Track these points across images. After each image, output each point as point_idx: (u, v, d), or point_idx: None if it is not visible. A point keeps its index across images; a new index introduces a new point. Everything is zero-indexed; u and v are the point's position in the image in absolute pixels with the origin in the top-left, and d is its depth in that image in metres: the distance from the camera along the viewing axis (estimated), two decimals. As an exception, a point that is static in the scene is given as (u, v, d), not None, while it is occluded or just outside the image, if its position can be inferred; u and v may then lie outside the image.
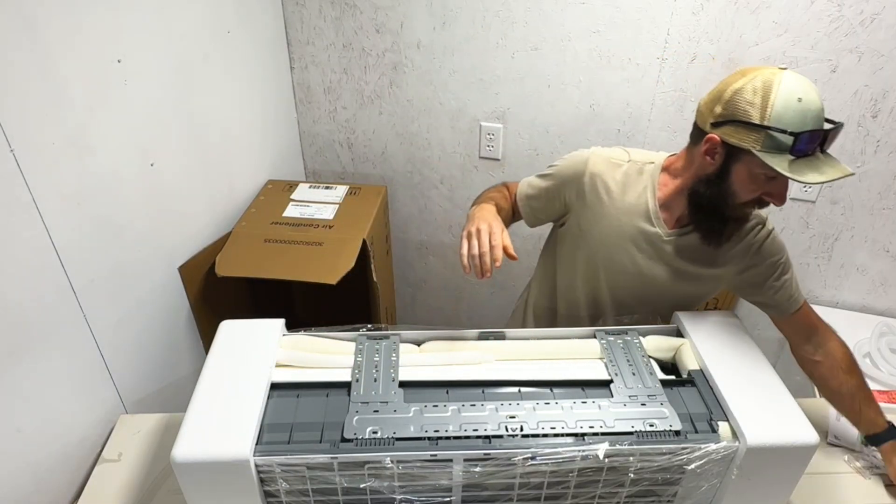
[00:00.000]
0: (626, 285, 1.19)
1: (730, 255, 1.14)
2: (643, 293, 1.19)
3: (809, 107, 0.95)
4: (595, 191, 1.16)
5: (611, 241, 1.16)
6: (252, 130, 1.73)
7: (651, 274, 1.16)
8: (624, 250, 1.16)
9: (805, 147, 0.95)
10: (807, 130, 0.94)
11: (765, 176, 1.00)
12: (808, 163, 0.97)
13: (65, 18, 1.04)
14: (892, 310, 1.83)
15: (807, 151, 0.96)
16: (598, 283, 1.21)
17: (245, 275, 1.51)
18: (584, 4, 1.64)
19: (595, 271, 1.20)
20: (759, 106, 0.95)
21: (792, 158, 0.96)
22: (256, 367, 0.95)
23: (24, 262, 1.00)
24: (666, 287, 1.17)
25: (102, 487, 1.12)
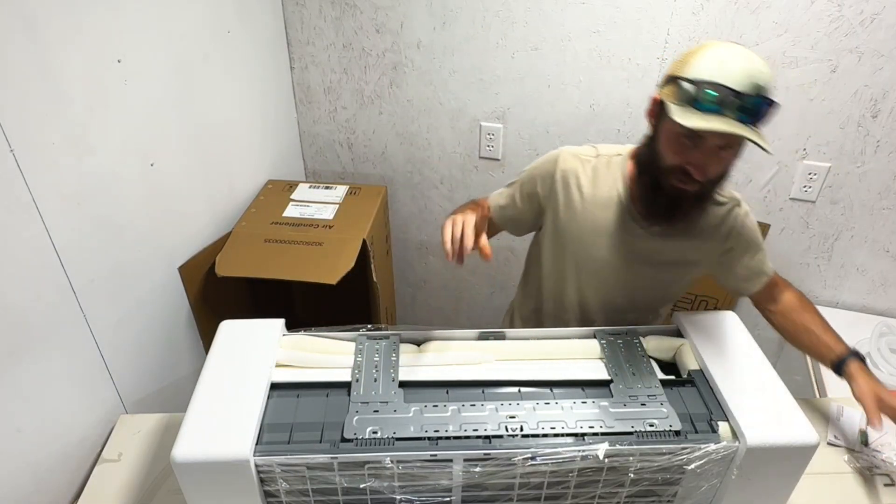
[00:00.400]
0: (610, 281, 1.19)
1: (708, 237, 1.15)
2: (627, 287, 1.20)
3: (727, 67, 0.93)
4: (567, 188, 1.17)
5: (588, 237, 1.17)
6: (252, 130, 1.73)
7: (632, 266, 1.17)
8: (602, 245, 1.17)
9: (707, 101, 0.93)
10: (707, 81, 0.93)
11: (684, 138, 0.98)
12: (709, 118, 0.93)
13: (65, 18, 1.04)
14: (892, 310, 1.83)
15: (711, 107, 0.93)
16: (581, 283, 1.22)
17: (245, 275, 1.51)
18: (584, 4, 1.64)
19: (577, 271, 1.21)
20: (687, 62, 0.97)
21: (693, 111, 0.95)
22: (256, 367, 0.95)
23: (24, 262, 1.00)
24: (649, 278, 1.18)
25: (102, 487, 1.12)
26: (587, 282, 1.21)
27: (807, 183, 1.71)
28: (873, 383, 1.08)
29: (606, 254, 1.17)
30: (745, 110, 0.93)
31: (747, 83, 0.93)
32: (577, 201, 1.16)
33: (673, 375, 1.02)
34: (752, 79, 0.93)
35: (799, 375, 1.73)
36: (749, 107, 0.93)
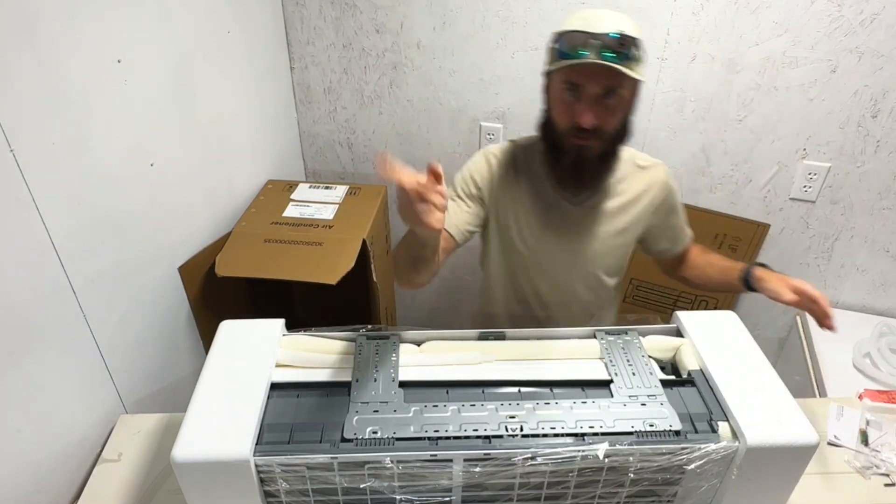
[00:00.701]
0: (557, 262, 1.25)
1: (638, 202, 1.24)
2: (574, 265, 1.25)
3: (587, 20, 1.03)
4: (499, 182, 1.23)
5: (526, 224, 1.22)
6: (252, 130, 1.73)
7: (573, 243, 1.23)
8: (540, 229, 1.22)
9: (570, 49, 1.03)
10: (566, 31, 1.04)
11: (566, 94, 1.07)
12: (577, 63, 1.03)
13: (65, 18, 1.04)
14: (892, 310, 1.83)
15: (575, 54, 1.02)
16: (530, 272, 1.27)
17: (245, 275, 1.51)
18: (583, 4, 1.64)
19: (523, 260, 1.26)
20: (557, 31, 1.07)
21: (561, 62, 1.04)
22: (256, 367, 0.95)
23: (23, 261, 1.00)
24: (591, 252, 1.24)
25: (102, 487, 1.12)
26: (536, 269, 1.26)
27: (807, 183, 1.71)
28: (780, 277, 1.13)
29: (546, 236, 1.22)
30: (606, 48, 1.01)
31: (606, 27, 1.02)
32: (510, 192, 1.22)
33: (673, 375, 1.02)
34: (611, 24, 1.02)
35: (799, 375, 1.73)
36: (609, 44, 1.01)
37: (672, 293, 1.98)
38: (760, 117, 1.67)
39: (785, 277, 1.13)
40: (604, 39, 1.01)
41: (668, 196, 1.27)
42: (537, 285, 1.29)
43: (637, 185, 1.24)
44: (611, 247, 1.26)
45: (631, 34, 1.03)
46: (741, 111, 1.67)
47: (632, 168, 1.25)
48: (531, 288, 1.29)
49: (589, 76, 1.04)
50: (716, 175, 1.79)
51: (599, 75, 1.03)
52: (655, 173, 1.26)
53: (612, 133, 1.10)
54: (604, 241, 1.25)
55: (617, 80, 1.04)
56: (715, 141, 1.74)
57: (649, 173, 1.25)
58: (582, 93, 1.06)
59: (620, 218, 1.24)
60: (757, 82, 1.62)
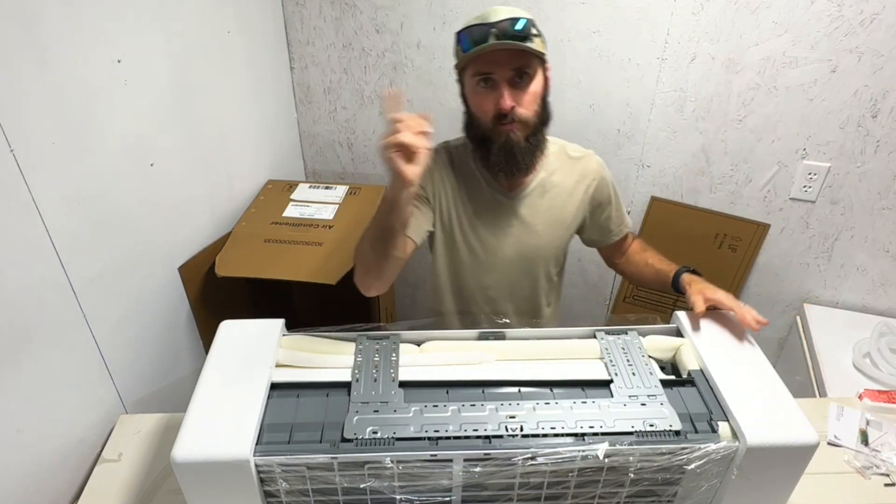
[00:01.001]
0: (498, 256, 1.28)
1: (573, 191, 1.27)
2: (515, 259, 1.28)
3: (484, 16, 1.09)
4: (439, 182, 1.26)
5: (466, 221, 1.26)
6: (252, 130, 1.73)
7: (511, 236, 1.26)
8: (480, 224, 1.26)
9: (469, 43, 1.09)
10: (464, 28, 1.10)
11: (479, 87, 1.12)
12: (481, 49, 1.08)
13: (65, 18, 1.04)
14: (892, 310, 1.83)
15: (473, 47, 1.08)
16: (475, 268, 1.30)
17: (245, 275, 1.51)
18: (584, 4, 1.64)
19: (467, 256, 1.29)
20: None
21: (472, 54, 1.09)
22: (256, 367, 0.95)
23: (24, 262, 1.00)
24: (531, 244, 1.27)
25: (102, 487, 1.12)
26: (478, 265, 1.29)
27: (807, 183, 1.71)
28: (701, 289, 1.12)
29: (485, 232, 1.27)
30: (503, 34, 1.07)
31: (500, 16, 1.08)
32: (447, 192, 1.26)
33: (673, 375, 1.02)
34: (503, 13, 1.08)
35: (799, 375, 1.73)
36: (503, 28, 1.07)
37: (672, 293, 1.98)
38: (760, 117, 1.67)
39: (706, 289, 1.10)
40: (498, 26, 1.07)
41: (602, 186, 1.30)
42: (482, 281, 1.32)
43: (570, 177, 1.27)
44: (549, 238, 1.29)
45: (522, 15, 1.09)
46: (741, 111, 1.67)
47: (564, 159, 1.28)
48: (476, 283, 1.32)
49: (495, 62, 1.09)
50: (716, 175, 1.79)
51: (505, 59, 1.09)
52: (587, 164, 1.29)
53: (531, 116, 1.15)
54: (541, 233, 1.28)
55: (522, 59, 1.10)
56: (715, 141, 1.74)
57: (581, 164, 1.28)
58: (494, 80, 1.11)
59: (555, 209, 1.27)
60: (757, 82, 1.62)
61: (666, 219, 1.88)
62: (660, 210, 1.88)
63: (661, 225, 1.90)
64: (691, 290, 1.12)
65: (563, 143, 1.30)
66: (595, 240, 1.37)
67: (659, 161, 1.82)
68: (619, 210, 1.35)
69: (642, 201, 1.90)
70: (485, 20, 1.09)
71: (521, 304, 1.36)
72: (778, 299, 1.92)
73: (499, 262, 1.29)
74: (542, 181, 1.26)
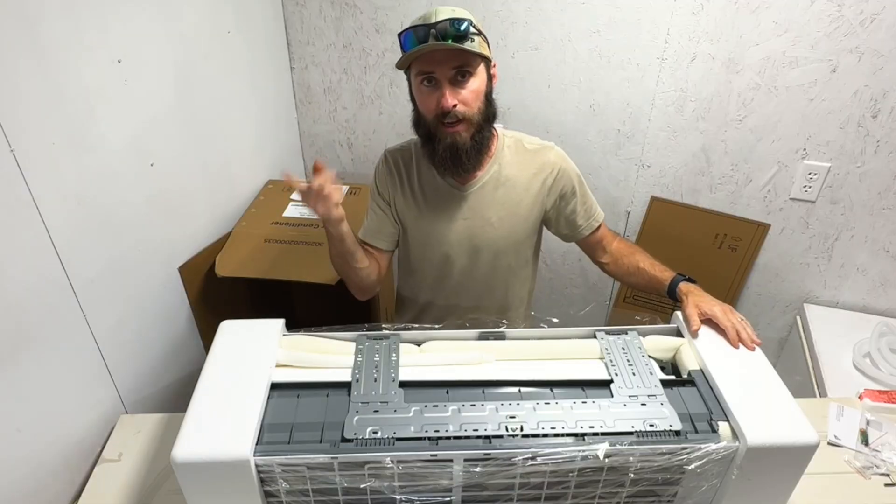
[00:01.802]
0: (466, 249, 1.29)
1: (531, 183, 1.28)
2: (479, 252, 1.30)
3: (426, 17, 1.12)
4: (400, 182, 1.30)
5: (430, 216, 1.28)
6: (252, 130, 1.73)
7: (476, 227, 1.28)
8: (444, 218, 1.28)
9: (410, 43, 1.11)
10: (405, 28, 1.12)
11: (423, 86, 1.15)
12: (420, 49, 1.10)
13: (66, 19, 1.04)
14: (892, 310, 1.83)
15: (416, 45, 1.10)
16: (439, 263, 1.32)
17: (245, 275, 1.51)
18: (584, 4, 1.64)
19: (429, 252, 1.31)
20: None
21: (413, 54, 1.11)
22: (256, 367, 0.95)
23: (24, 262, 1.00)
24: (496, 237, 1.29)
25: (102, 487, 1.12)
26: (442, 259, 1.31)
27: (807, 183, 1.71)
28: (698, 298, 1.12)
29: (444, 225, 1.29)
30: (442, 34, 1.09)
31: (440, 17, 1.10)
32: (411, 189, 1.29)
33: (673, 375, 1.02)
34: (443, 14, 1.10)
35: (799, 375, 1.73)
36: (442, 28, 1.09)
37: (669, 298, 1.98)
38: (760, 117, 1.67)
39: (702, 302, 1.09)
40: (438, 27, 1.09)
41: (563, 178, 1.29)
42: (448, 275, 1.34)
43: (526, 170, 1.28)
44: (505, 231, 1.29)
45: (462, 16, 1.11)
46: (741, 111, 1.67)
47: (520, 152, 1.29)
48: (444, 279, 1.34)
49: (436, 62, 1.12)
50: (716, 175, 1.79)
51: (445, 58, 1.11)
52: (545, 156, 1.29)
53: (475, 113, 1.17)
54: (496, 225, 1.28)
55: (462, 58, 1.12)
56: (715, 141, 1.74)
57: (539, 156, 1.28)
58: (436, 79, 1.13)
59: (510, 203, 1.28)
60: (757, 82, 1.62)
61: (666, 219, 1.88)
62: (660, 210, 1.88)
63: (661, 225, 1.90)
64: (687, 301, 1.12)
65: (520, 135, 1.31)
66: (567, 234, 1.36)
67: (659, 161, 1.82)
68: (586, 202, 1.33)
69: (642, 201, 1.90)
70: (426, 21, 1.11)
71: (485, 296, 1.37)
72: (778, 299, 1.92)
73: (460, 254, 1.31)
74: (496, 174, 1.27)
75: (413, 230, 1.32)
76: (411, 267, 1.38)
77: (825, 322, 1.80)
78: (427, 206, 1.29)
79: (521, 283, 1.41)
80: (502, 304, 1.40)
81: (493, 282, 1.35)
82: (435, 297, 1.38)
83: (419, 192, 1.29)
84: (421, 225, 1.30)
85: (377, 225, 1.33)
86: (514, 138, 1.30)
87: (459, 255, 1.31)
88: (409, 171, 1.29)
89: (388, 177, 1.30)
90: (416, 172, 1.29)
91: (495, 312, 1.39)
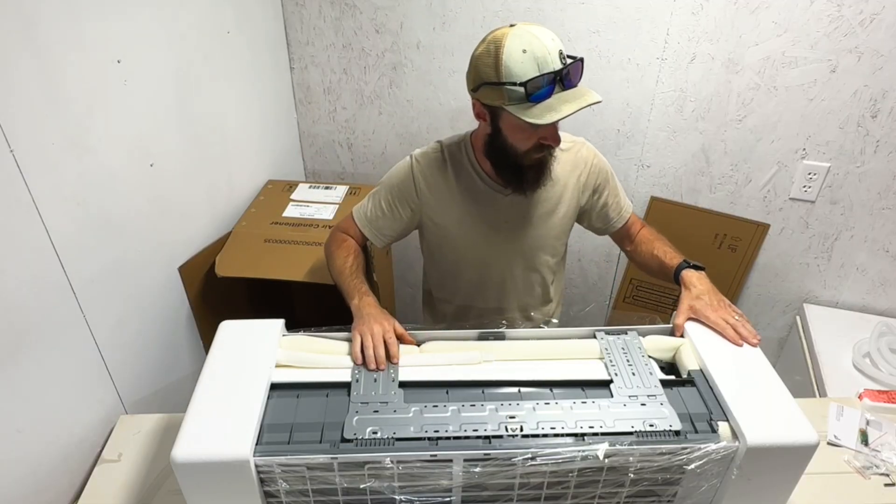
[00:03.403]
0: (502, 249, 1.29)
1: (567, 182, 1.27)
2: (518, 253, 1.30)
3: (535, 54, 1.02)
4: (431, 185, 1.25)
5: (465, 220, 1.26)
6: (252, 130, 1.73)
7: (513, 230, 1.27)
8: (481, 222, 1.26)
9: (539, 91, 1.03)
10: (531, 77, 1.02)
11: (528, 124, 1.05)
12: (550, 104, 1.04)
13: (65, 19, 1.04)
14: (892, 310, 1.83)
15: (543, 95, 1.04)
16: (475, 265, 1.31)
17: (245, 275, 1.51)
18: (583, 4, 1.64)
19: (466, 254, 1.30)
20: (493, 66, 1.05)
21: (532, 104, 1.04)
22: (256, 368, 0.95)
23: (23, 262, 1.00)
24: (531, 235, 1.29)
25: (102, 487, 1.12)
26: (478, 261, 1.30)
27: (806, 183, 1.71)
28: (692, 300, 1.10)
29: (483, 227, 1.27)
30: (568, 80, 1.04)
31: (555, 57, 1.03)
32: (445, 194, 1.25)
33: (673, 375, 1.02)
34: (555, 51, 1.04)
35: (799, 375, 1.73)
36: (569, 75, 1.04)
37: (672, 293, 1.97)
38: (760, 117, 1.67)
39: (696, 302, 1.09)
40: (562, 74, 1.03)
41: (596, 172, 1.29)
42: (488, 278, 1.33)
43: (563, 167, 1.26)
44: (546, 229, 1.29)
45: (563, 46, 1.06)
46: (741, 111, 1.67)
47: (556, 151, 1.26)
48: (485, 281, 1.33)
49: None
50: (716, 175, 1.79)
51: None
52: (579, 152, 1.28)
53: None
54: (538, 224, 1.28)
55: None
56: (715, 141, 1.74)
57: (572, 153, 1.28)
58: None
59: (551, 200, 1.27)
60: (757, 82, 1.62)
61: (666, 219, 1.88)
62: (660, 210, 1.88)
63: (661, 225, 1.88)
64: (683, 297, 1.11)
65: None
66: (599, 227, 1.37)
67: (659, 161, 1.82)
68: (617, 196, 1.34)
69: (642, 201, 1.90)
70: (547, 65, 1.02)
71: (523, 296, 1.37)
72: (778, 299, 1.92)
73: (499, 255, 1.30)
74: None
75: (452, 235, 1.28)
76: (448, 270, 1.35)
77: (825, 322, 1.80)
78: (467, 211, 1.26)
79: (557, 281, 1.41)
80: (543, 300, 1.40)
81: (532, 280, 1.35)
82: (474, 301, 1.36)
83: (459, 196, 1.25)
84: (461, 230, 1.27)
85: (381, 224, 1.29)
86: None
87: (501, 257, 1.30)
88: (445, 176, 1.25)
89: (418, 184, 1.25)
90: (452, 177, 1.25)
91: (539, 311, 1.39)
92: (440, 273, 1.38)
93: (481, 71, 1.07)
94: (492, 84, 1.06)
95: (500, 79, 1.04)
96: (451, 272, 1.35)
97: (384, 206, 1.28)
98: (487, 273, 1.32)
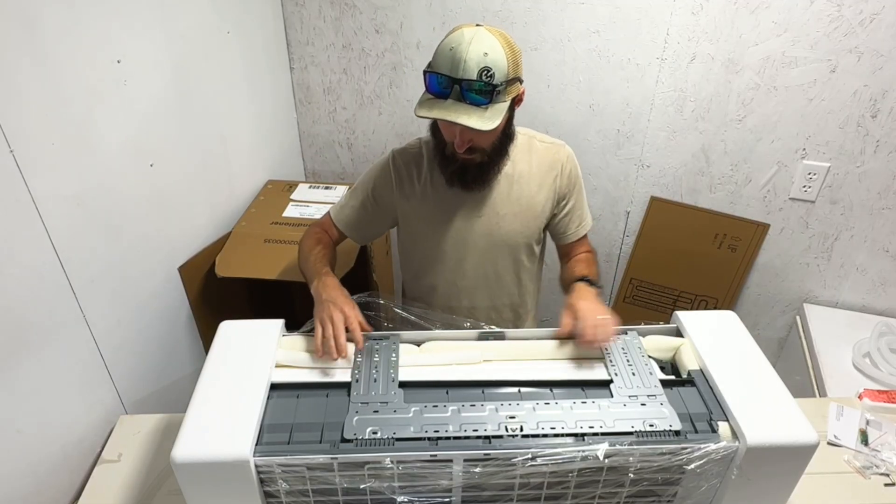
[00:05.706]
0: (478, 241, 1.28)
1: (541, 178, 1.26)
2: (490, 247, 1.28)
3: (455, 55, 1.02)
4: (409, 181, 1.26)
5: (437, 216, 1.26)
6: (252, 130, 1.73)
7: (487, 221, 1.26)
8: (456, 215, 1.26)
9: (435, 88, 1.04)
10: (430, 71, 1.05)
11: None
12: (437, 103, 1.04)
13: (65, 18, 1.04)
14: (892, 310, 1.83)
15: (436, 91, 1.05)
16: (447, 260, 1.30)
17: (245, 275, 1.51)
18: (583, 4, 1.64)
19: (437, 249, 1.29)
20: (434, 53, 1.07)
21: (429, 97, 1.06)
22: (256, 368, 0.95)
23: (23, 262, 1.00)
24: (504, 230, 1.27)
25: (102, 487, 1.12)
26: (451, 256, 1.30)
27: (806, 183, 1.71)
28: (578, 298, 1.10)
29: (466, 223, 1.26)
30: (467, 93, 1.03)
31: (470, 67, 1.01)
32: (423, 190, 1.25)
33: (673, 375, 1.02)
34: (479, 63, 1.01)
35: (799, 375, 1.73)
36: (471, 90, 1.02)
37: (672, 293, 1.97)
38: (760, 117, 1.67)
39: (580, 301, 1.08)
40: (464, 85, 1.02)
41: (568, 178, 1.28)
42: (462, 275, 1.32)
43: (538, 165, 1.25)
44: (519, 226, 1.27)
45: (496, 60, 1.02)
46: (741, 111, 1.67)
47: (532, 148, 1.26)
48: (458, 280, 1.32)
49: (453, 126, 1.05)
50: (716, 175, 1.79)
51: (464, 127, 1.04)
52: (557, 153, 1.27)
53: (489, 148, 1.14)
54: (511, 221, 1.26)
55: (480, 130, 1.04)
56: (715, 141, 1.74)
57: (551, 152, 1.27)
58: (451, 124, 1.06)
59: (525, 198, 1.26)
60: (756, 82, 1.62)
61: (666, 219, 1.88)
62: (659, 210, 1.88)
63: (661, 225, 1.90)
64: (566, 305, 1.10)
65: (532, 133, 1.29)
66: (560, 233, 1.34)
67: (659, 161, 1.82)
68: (581, 210, 1.31)
69: (642, 201, 1.90)
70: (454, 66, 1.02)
71: (496, 294, 1.35)
72: (778, 299, 1.92)
73: (469, 252, 1.29)
74: (509, 172, 1.25)
75: (425, 231, 1.29)
76: (422, 268, 1.34)
77: (825, 322, 1.80)
78: (440, 206, 1.26)
79: (532, 281, 1.40)
80: (515, 302, 1.38)
81: (506, 279, 1.34)
82: (449, 299, 1.36)
83: (431, 192, 1.25)
84: (434, 225, 1.28)
85: (358, 219, 1.29)
86: (527, 136, 1.28)
87: (474, 253, 1.29)
88: (420, 172, 1.26)
89: (395, 180, 1.26)
90: (427, 172, 1.25)
91: (509, 311, 1.37)
92: (415, 271, 1.38)
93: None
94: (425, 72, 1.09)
95: (427, 66, 1.08)
96: (426, 270, 1.34)
97: (363, 201, 1.29)
98: (462, 270, 1.31)
